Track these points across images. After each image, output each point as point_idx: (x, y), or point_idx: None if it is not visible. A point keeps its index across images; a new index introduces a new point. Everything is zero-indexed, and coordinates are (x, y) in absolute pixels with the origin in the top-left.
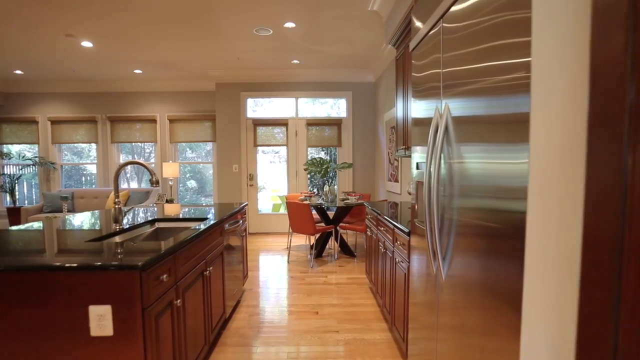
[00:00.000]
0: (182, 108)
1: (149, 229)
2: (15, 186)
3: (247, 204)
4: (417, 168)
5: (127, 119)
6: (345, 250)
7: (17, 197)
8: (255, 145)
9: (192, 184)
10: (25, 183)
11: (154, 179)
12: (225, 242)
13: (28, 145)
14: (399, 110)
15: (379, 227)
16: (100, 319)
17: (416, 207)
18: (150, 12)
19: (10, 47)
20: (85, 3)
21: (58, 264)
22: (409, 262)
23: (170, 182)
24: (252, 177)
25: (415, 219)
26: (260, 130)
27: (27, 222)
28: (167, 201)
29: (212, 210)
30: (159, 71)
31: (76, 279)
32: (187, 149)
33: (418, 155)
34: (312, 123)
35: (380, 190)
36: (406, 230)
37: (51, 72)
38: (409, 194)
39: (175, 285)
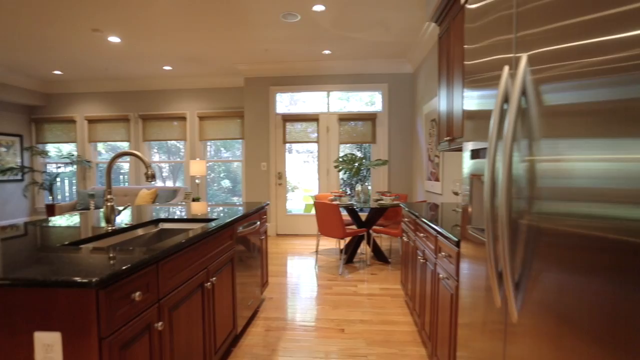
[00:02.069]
0: (212, 105)
1: (152, 230)
2: (54, 184)
3: (268, 204)
4: (473, 157)
5: (157, 116)
6: (379, 255)
7: (55, 194)
8: (285, 142)
9: (225, 183)
10: (65, 181)
11: (149, 172)
12: (239, 247)
13: (66, 144)
14: (442, 98)
15: (418, 233)
16: (48, 350)
17: (470, 209)
18: (176, 3)
19: (45, 46)
20: None
21: None
22: (457, 281)
23: (197, 180)
24: (280, 176)
25: (469, 225)
26: (290, 126)
27: None
28: (193, 200)
29: (239, 210)
30: (188, 67)
31: (18, 296)
32: (222, 148)
33: (472, 144)
34: (344, 118)
35: (418, 190)
36: (454, 238)
37: (86, 72)
38: (455, 194)
39: (157, 304)
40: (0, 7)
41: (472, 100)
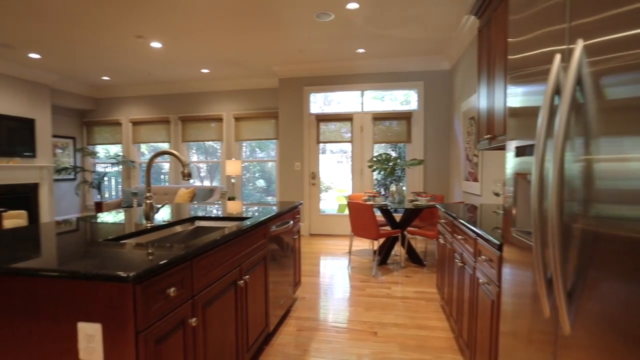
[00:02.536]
0: (247, 106)
1: (188, 228)
2: (102, 182)
3: (301, 203)
4: (518, 155)
5: (196, 118)
6: (413, 258)
7: (103, 192)
8: (318, 142)
9: (260, 183)
10: (112, 180)
11: (185, 170)
12: (272, 245)
13: (113, 145)
14: (482, 95)
15: (455, 235)
16: (89, 340)
17: (514, 210)
18: (213, 6)
19: (95, 54)
20: (149, 0)
21: (37, 268)
22: (499, 286)
23: (232, 180)
24: (314, 176)
25: (513, 228)
26: (323, 126)
27: None
28: (228, 199)
29: (273, 209)
30: (224, 69)
31: (63, 287)
32: (257, 148)
33: (516, 142)
34: (378, 117)
35: (455, 190)
36: (496, 241)
37: (131, 77)
38: (496, 195)
39: (191, 300)
40: (56, 21)
41: (516, 97)
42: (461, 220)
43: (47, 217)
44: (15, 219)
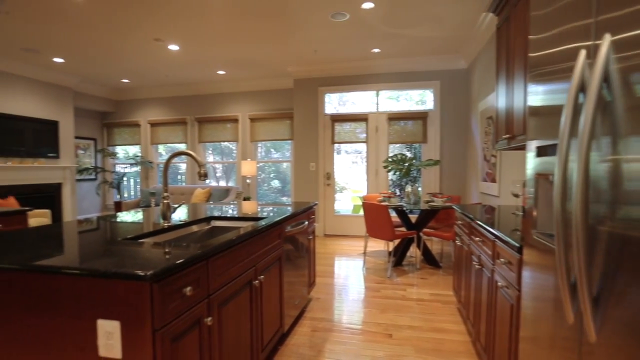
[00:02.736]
0: (262, 107)
1: (204, 227)
2: (121, 183)
3: (316, 204)
4: (539, 155)
5: (212, 119)
6: (429, 259)
7: (122, 192)
8: (333, 142)
9: (275, 183)
10: (131, 180)
11: (201, 171)
12: (287, 246)
13: (132, 146)
14: (500, 94)
15: (472, 237)
16: (109, 337)
17: (534, 212)
18: (229, 9)
19: (116, 57)
20: (167, 4)
21: (59, 265)
22: (518, 290)
23: (248, 180)
24: (329, 176)
25: (534, 230)
26: (338, 126)
27: None
28: (244, 199)
29: (287, 209)
30: (240, 71)
31: (84, 285)
32: (272, 149)
33: (537, 142)
34: (394, 117)
35: (472, 191)
36: (516, 244)
37: (149, 79)
38: (515, 196)
39: (206, 299)
40: (79, 26)
41: (537, 95)
42: (479, 222)
43: (70, 216)
44: (40, 217)
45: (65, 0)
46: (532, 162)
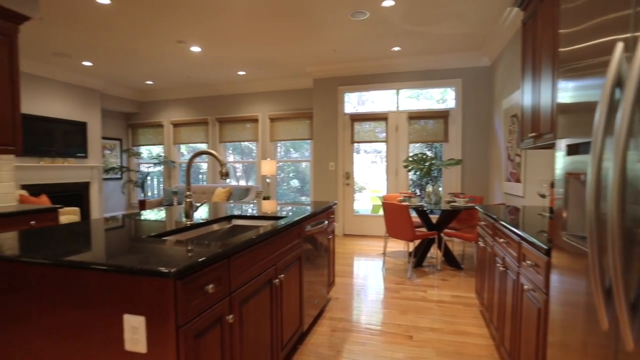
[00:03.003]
0: (282, 107)
1: (225, 226)
2: (145, 182)
3: (335, 204)
4: (569, 154)
5: (232, 119)
6: (450, 261)
7: (146, 191)
8: (352, 142)
9: (294, 183)
10: (154, 179)
11: (223, 170)
12: (307, 245)
13: (155, 146)
14: (526, 91)
15: (496, 238)
16: (134, 332)
17: (564, 213)
18: (250, 10)
19: (140, 59)
20: (189, 7)
21: (88, 261)
22: (546, 294)
23: (268, 180)
24: (348, 176)
25: (563, 232)
26: (358, 126)
27: None
28: (263, 198)
29: (307, 209)
30: (260, 71)
31: (111, 280)
32: (291, 149)
33: (567, 140)
34: (414, 116)
35: (495, 191)
36: (543, 246)
37: (172, 80)
38: (542, 196)
39: (228, 297)
40: (107, 30)
41: (567, 92)
42: (503, 223)
43: (97, 213)
44: (70, 215)
45: (94, 6)
46: (561, 161)
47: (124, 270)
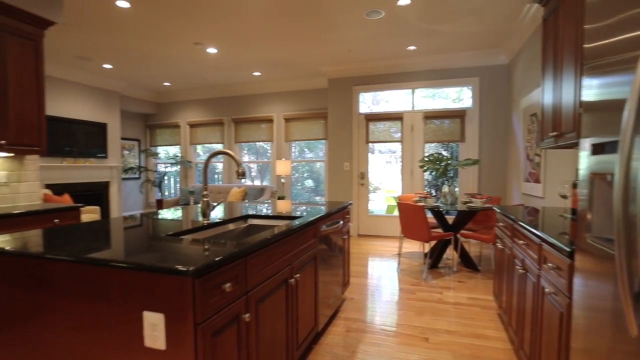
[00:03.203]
0: (296, 107)
1: (241, 225)
2: (162, 181)
3: (350, 204)
4: (594, 153)
5: (247, 119)
6: (467, 262)
7: (163, 190)
8: (367, 142)
9: (309, 183)
10: (171, 179)
11: (239, 170)
12: (322, 245)
13: (172, 147)
14: (546, 90)
15: (515, 239)
16: (154, 329)
17: (589, 215)
18: (265, 11)
19: (158, 61)
20: (206, 9)
21: (108, 259)
22: (569, 298)
23: (282, 180)
24: (363, 176)
25: (587, 234)
26: (372, 126)
27: None
28: (278, 198)
29: (321, 209)
30: (275, 72)
31: (131, 278)
32: (306, 149)
33: (592, 139)
34: (430, 116)
35: (513, 192)
36: (566, 248)
37: (189, 82)
38: (563, 197)
39: (244, 296)
40: (127, 34)
41: (592, 89)
42: (523, 224)
43: (116, 212)
44: (91, 213)
45: (114, 10)
46: (586, 160)
47: (144, 268)
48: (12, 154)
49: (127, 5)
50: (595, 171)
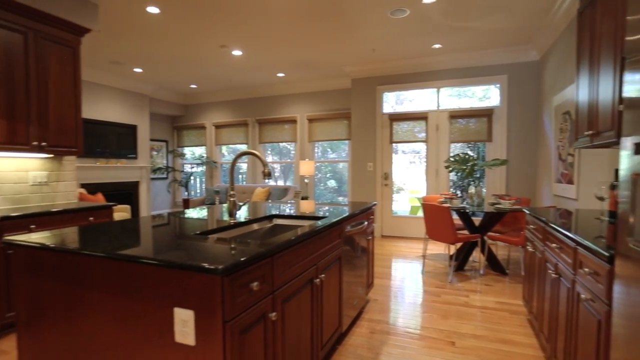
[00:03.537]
0: (320, 107)
1: (267, 225)
2: (188, 181)
3: (375, 204)
4: (637, 153)
5: (271, 120)
6: (494, 265)
7: (190, 190)
8: (391, 142)
9: (332, 183)
10: (197, 179)
11: (265, 170)
12: (346, 246)
13: (198, 147)
14: (581, 86)
15: (547, 243)
16: (184, 325)
17: (631, 218)
18: (290, 13)
19: (185, 64)
20: (231, 12)
21: (141, 256)
22: (608, 305)
23: (306, 180)
24: (387, 177)
25: (629, 238)
26: (396, 126)
27: None
28: (302, 198)
29: (345, 209)
30: (298, 73)
31: (163, 275)
32: (328, 149)
33: (634, 138)
34: (455, 115)
35: (543, 194)
36: (605, 253)
37: (214, 84)
38: (600, 199)
39: (271, 295)
40: (156, 38)
41: (635, 85)
42: (557, 227)
43: (145, 211)
44: (122, 212)
45: (145, 17)
46: (627, 160)
47: (175, 265)
48: (51, 155)
49: (157, 11)
50: (638, 171)
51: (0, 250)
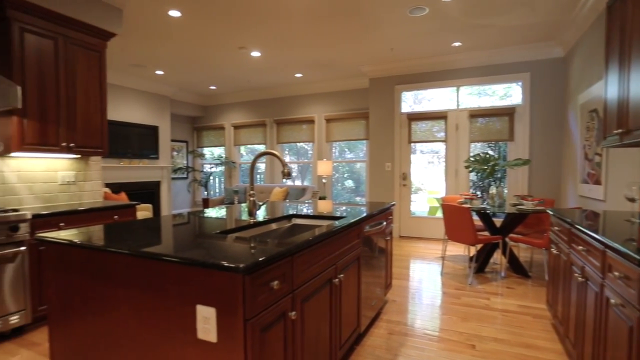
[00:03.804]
0: (337, 107)
1: (286, 225)
2: (208, 181)
3: (394, 204)
4: None
5: (289, 121)
6: (516, 268)
7: (209, 190)
8: (410, 142)
9: (349, 183)
10: (216, 179)
11: (285, 170)
12: (365, 246)
13: (217, 148)
14: (610, 83)
15: (573, 245)
16: (206, 322)
17: None
18: (308, 13)
19: (205, 66)
20: (250, 12)
21: (163, 253)
22: None
23: (323, 180)
24: (405, 177)
25: None
26: (414, 125)
27: None
28: (319, 198)
29: (362, 209)
30: (316, 73)
31: (186, 272)
32: (346, 149)
33: None
34: (476, 114)
35: (568, 194)
36: (636, 256)
37: (233, 85)
38: (631, 200)
39: (291, 294)
40: (177, 41)
41: None
42: (583, 229)
43: (166, 210)
44: (144, 211)
45: (166, 20)
46: None
47: (197, 263)
48: (79, 156)
49: (178, 14)
50: None
51: (33, 246)
